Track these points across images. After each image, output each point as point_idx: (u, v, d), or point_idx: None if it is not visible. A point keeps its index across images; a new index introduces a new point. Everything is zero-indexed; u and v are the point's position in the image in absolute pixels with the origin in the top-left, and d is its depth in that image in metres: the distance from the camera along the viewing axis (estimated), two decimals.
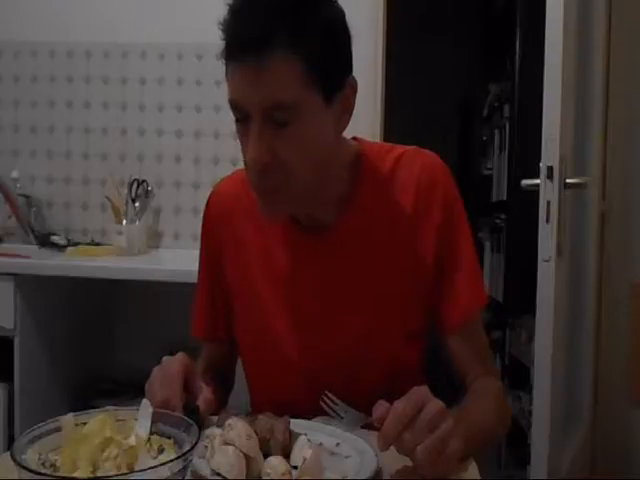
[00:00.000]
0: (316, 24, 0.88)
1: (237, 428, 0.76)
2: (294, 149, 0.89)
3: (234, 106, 0.89)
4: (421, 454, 0.74)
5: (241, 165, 0.97)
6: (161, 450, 0.72)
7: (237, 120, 0.91)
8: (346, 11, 0.93)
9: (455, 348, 1.04)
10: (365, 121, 2.17)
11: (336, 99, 0.91)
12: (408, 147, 1.07)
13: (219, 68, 0.92)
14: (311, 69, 0.87)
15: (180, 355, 0.94)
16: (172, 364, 0.92)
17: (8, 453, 0.67)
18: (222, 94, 0.95)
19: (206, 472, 0.74)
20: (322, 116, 0.91)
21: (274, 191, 0.92)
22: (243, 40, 0.85)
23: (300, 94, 0.87)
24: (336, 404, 0.89)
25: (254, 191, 0.95)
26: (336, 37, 0.91)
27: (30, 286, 1.86)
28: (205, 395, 0.91)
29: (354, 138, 1.07)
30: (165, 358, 0.94)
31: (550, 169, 1.69)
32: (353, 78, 0.94)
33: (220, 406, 1.07)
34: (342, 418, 0.87)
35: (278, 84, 0.85)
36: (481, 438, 0.91)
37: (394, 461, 0.82)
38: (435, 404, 0.76)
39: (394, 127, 2.64)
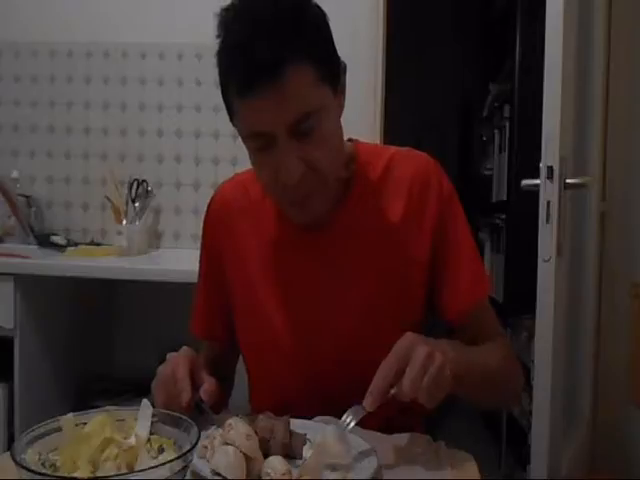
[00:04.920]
0: (309, 24, 0.89)
1: (237, 428, 0.76)
2: (322, 151, 0.91)
3: (256, 136, 0.90)
4: (406, 386, 0.80)
5: (240, 166, 0.98)
6: (161, 450, 0.72)
7: (257, 149, 0.91)
8: (346, 12, 0.94)
9: (463, 336, 1.05)
10: (365, 122, 2.17)
11: (340, 85, 0.95)
12: (400, 148, 1.09)
13: None
14: (320, 69, 0.89)
15: (184, 349, 0.96)
16: (177, 360, 0.93)
17: (8, 453, 0.67)
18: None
19: (206, 472, 0.74)
20: (334, 108, 0.94)
21: (309, 196, 0.94)
22: (258, 68, 0.84)
23: (319, 97, 0.89)
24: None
25: (286, 204, 0.97)
26: (324, 28, 0.92)
27: (30, 286, 1.86)
28: (205, 387, 0.91)
29: (349, 139, 1.09)
30: (170, 355, 0.95)
31: (550, 169, 1.69)
32: (342, 61, 0.97)
33: (222, 399, 1.07)
34: (349, 423, 0.85)
35: (301, 95, 0.87)
36: (479, 370, 0.94)
37: (394, 461, 0.83)
38: (420, 354, 0.81)
39: (394, 128, 2.64)
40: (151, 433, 0.75)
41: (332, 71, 0.92)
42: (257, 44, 0.84)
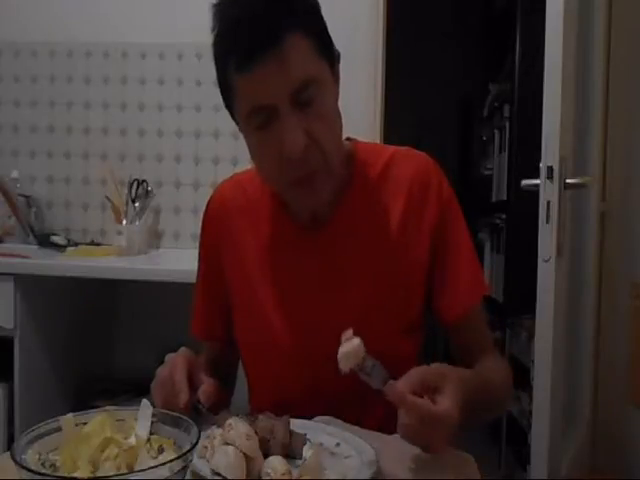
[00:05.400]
0: (302, 3, 0.90)
1: (237, 428, 0.76)
2: (323, 124, 0.91)
3: (258, 111, 0.89)
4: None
5: (240, 166, 0.97)
6: (161, 450, 0.72)
7: (258, 128, 0.91)
8: (346, 11, 0.94)
9: (458, 338, 1.04)
10: (365, 121, 2.16)
11: (335, 70, 0.96)
12: (399, 147, 1.09)
13: None
14: (317, 42, 0.90)
15: (182, 350, 0.96)
16: (175, 360, 0.93)
17: (8, 453, 0.67)
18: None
19: (206, 472, 0.74)
20: (332, 88, 0.95)
21: (313, 175, 0.93)
22: (256, 37, 0.85)
23: (318, 67, 0.91)
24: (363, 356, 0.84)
25: (289, 187, 0.95)
26: (318, 11, 0.94)
27: (30, 286, 1.86)
28: (205, 388, 0.91)
29: (347, 138, 1.08)
30: (168, 356, 0.95)
31: (550, 169, 1.69)
32: (337, 49, 0.97)
33: (222, 400, 1.07)
34: (369, 374, 0.84)
35: (300, 62, 0.88)
36: (483, 402, 0.92)
37: (394, 461, 0.82)
38: (442, 411, 0.77)
39: (394, 127, 2.64)
40: (151, 433, 0.75)
41: (327, 47, 0.93)
42: (253, 18, 0.85)
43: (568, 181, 1.72)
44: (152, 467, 0.64)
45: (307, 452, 0.79)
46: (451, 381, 0.80)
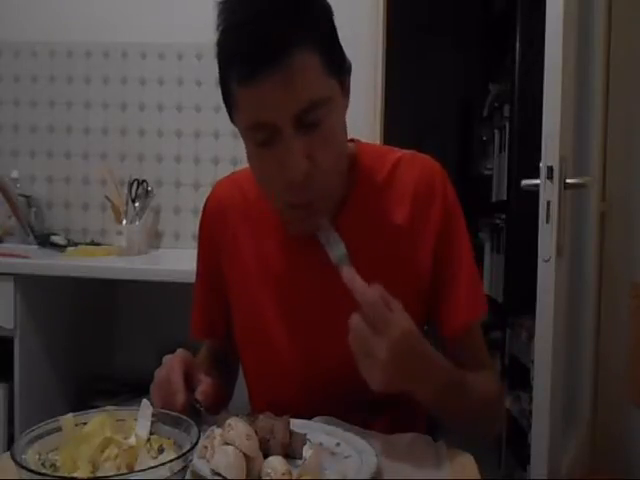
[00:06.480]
0: (316, 11, 0.86)
1: (237, 428, 0.76)
2: (328, 148, 0.87)
3: (259, 128, 0.84)
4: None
5: (240, 166, 0.96)
6: (161, 450, 0.72)
7: (258, 144, 0.86)
8: (346, 12, 0.93)
9: (454, 354, 1.03)
10: (365, 122, 2.17)
11: (346, 84, 0.91)
12: (405, 151, 1.06)
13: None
14: (327, 57, 0.85)
15: (180, 351, 0.95)
16: (172, 362, 0.92)
17: (8, 453, 0.67)
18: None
19: (206, 472, 0.74)
20: (341, 105, 0.90)
21: (313, 201, 0.89)
22: (262, 47, 0.80)
23: (326, 87, 0.85)
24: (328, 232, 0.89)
25: (287, 209, 0.92)
26: (331, 19, 0.89)
27: (30, 286, 1.86)
28: (203, 388, 0.91)
29: (351, 139, 1.04)
30: (165, 358, 0.94)
31: (550, 169, 1.69)
32: (348, 60, 0.93)
33: (223, 396, 1.07)
34: (328, 244, 0.88)
35: (308, 82, 0.82)
36: (464, 396, 0.90)
37: (394, 461, 0.83)
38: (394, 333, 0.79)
39: (394, 128, 2.64)
40: (151, 433, 0.75)
41: (339, 64, 0.88)
42: (261, 23, 0.80)
43: (568, 181, 1.71)
44: (152, 467, 0.64)
45: (307, 452, 0.79)
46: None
